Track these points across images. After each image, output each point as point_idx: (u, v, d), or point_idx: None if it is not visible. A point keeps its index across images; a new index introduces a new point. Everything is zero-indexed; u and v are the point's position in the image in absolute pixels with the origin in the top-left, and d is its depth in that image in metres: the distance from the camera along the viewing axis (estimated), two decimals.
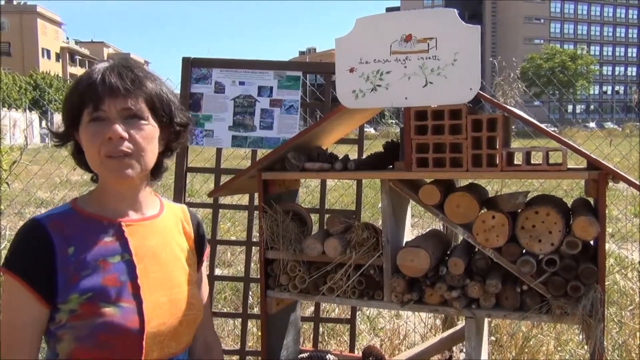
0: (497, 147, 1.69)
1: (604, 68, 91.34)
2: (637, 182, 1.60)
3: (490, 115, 1.69)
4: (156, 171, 1.46)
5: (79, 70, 69.28)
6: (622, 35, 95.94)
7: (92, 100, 1.27)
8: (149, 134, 1.34)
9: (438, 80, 1.70)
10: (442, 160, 1.73)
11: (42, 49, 66.77)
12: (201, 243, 1.56)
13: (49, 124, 1.47)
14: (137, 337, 1.27)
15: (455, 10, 1.71)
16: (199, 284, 1.55)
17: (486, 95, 1.71)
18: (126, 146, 1.29)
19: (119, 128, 1.28)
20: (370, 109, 1.86)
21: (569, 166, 1.74)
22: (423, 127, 1.74)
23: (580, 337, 1.73)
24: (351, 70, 1.78)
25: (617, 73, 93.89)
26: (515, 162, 1.80)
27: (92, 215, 1.34)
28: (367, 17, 1.77)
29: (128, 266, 1.32)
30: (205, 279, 1.61)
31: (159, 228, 1.42)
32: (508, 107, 1.77)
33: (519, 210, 1.75)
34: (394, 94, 1.74)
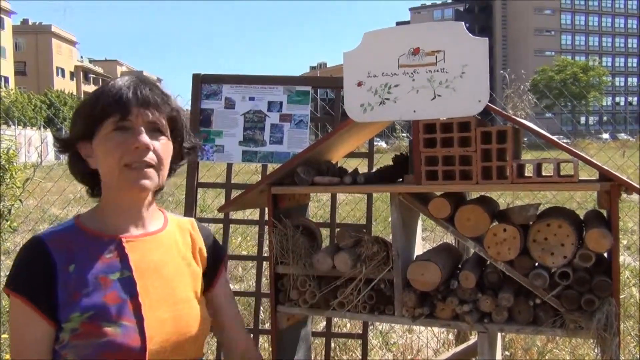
0: (507, 159, 1.68)
1: (617, 79, 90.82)
2: None
3: (499, 128, 1.68)
4: (157, 189, 1.46)
5: (92, 89, 69.95)
6: (635, 46, 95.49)
7: (120, 109, 1.28)
8: (168, 150, 1.36)
9: (446, 93, 1.70)
10: (452, 173, 1.72)
11: (57, 67, 67.78)
12: (215, 253, 1.54)
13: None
14: (139, 355, 1.26)
15: (463, 22, 1.71)
16: (224, 295, 1.53)
17: (495, 107, 1.70)
18: (150, 157, 1.30)
19: (147, 137, 1.29)
20: (379, 122, 1.86)
21: (582, 178, 1.72)
22: (432, 140, 1.73)
23: (596, 351, 1.70)
24: (359, 84, 1.78)
25: (629, 84, 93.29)
26: (526, 174, 1.78)
27: (94, 232, 1.34)
28: (374, 31, 1.77)
29: (128, 283, 1.31)
30: (229, 288, 1.59)
31: (162, 243, 1.41)
32: (518, 119, 1.76)
33: (531, 223, 1.73)
34: (402, 107, 1.74)
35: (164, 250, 1.40)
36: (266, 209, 2.07)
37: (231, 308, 1.58)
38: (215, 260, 1.54)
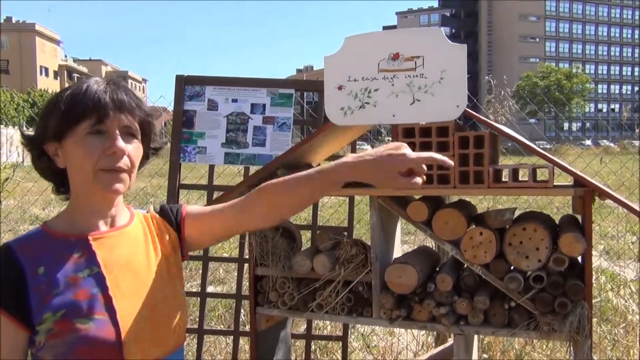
0: (484, 164, 1.70)
1: (599, 86, 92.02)
2: (623, 199, 1.62)
3: (477, 133, 1.70)
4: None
5: None
6: (617, 54, 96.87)
7: (97, 113, 1.28)
8: (139, 153, 1.37)
9: (425, 97, 1.72)
10: (430, 177, 1.74)
11: (40, 66, 67.00)
12: (175, 214, 1.47)
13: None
14: (115, 348, 1.27)
15: (442, 29, 1.73)
16: (198, 215, 1.46)
17: (473, 112, 1.73)
18: (124, 162, 1.31)
19: (123, 143, 1.30)
20: (359, 126, 1.88)
21: (560, 183, 1.75)
22: (411, 144, 1.75)
23: (570, 352, 1.73)
24: (340, 88, 1.79)
25: (612, 91, 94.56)
26: (504, 179, 1.81)
27: (61, 234, 1.35)
28: (355, 35, 1.79)
29: (97, 278, 1.32)
30: (198, 207, 1.50)
31: (130, 236, 1.42)
32: (495, 124, 1.79)
33: (507, 227, 1.76)
34: (382, 112, 1.76)
35: (132, 243, 1.41)
36: None
37: (210, 208, 1.48)
38: (177, 219, 1.50)
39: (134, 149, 1.34)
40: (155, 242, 1.47)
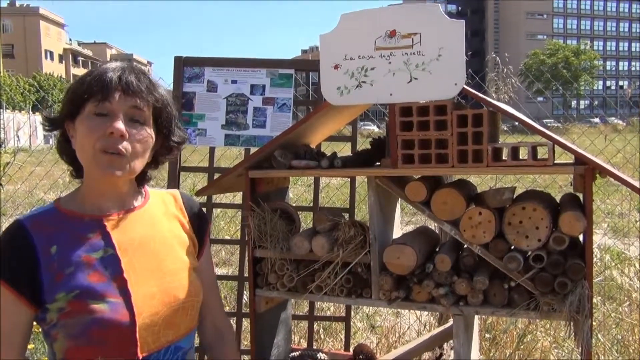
0: (483, 142, 1.67)
1: (608, 63, 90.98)
2: (624, 177, 1.59)
3: (475, 111, 1.67)
4: (140, 179, 1.46)
5: (81, 71, 69.09)
6: (626, 30, 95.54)
7: (102, 92, 1.28)
8: (146, 141, 1.36)
9: (423, 75, 1.69)
10: (428, 157, 1.71)
11: (45, 50, 66.95)
12: (200, 224, 1.55)
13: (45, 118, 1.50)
14: (129, 330, 1.28)
15: (439, 5, 1.70)
16: (205, 266, 1.54)
17: (470, 90, 1.69)
18: (123, 146, 1.30)
19: (122, 125, 1.29)
20: (356, 105, 1.85)
21: (562, 161, 1.72)
22: (408, 123, 1.72)
23: (569, 330, 1.71)
24: (336, 67, 1.76)
25: (620, 68, 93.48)
26: (504, 158, 1.78)
27: (74, 213, 1.35)
28: (351, 12, 1.75)
29: (112, 260, 1.32)
30: (211, 261, 1.60)
31: (145, 218, 1.42)
32: (494, 102, 1.75)
33: (506, 206, 1.73)
34: (378, 90, 1.73)
35: (148, 225, 1.42)
36: None
37: (210, 275, 1.59)
38: (200, 231, 1.55)
39: (139, 135, 1.32)
40: (174, 225, 1.48)
